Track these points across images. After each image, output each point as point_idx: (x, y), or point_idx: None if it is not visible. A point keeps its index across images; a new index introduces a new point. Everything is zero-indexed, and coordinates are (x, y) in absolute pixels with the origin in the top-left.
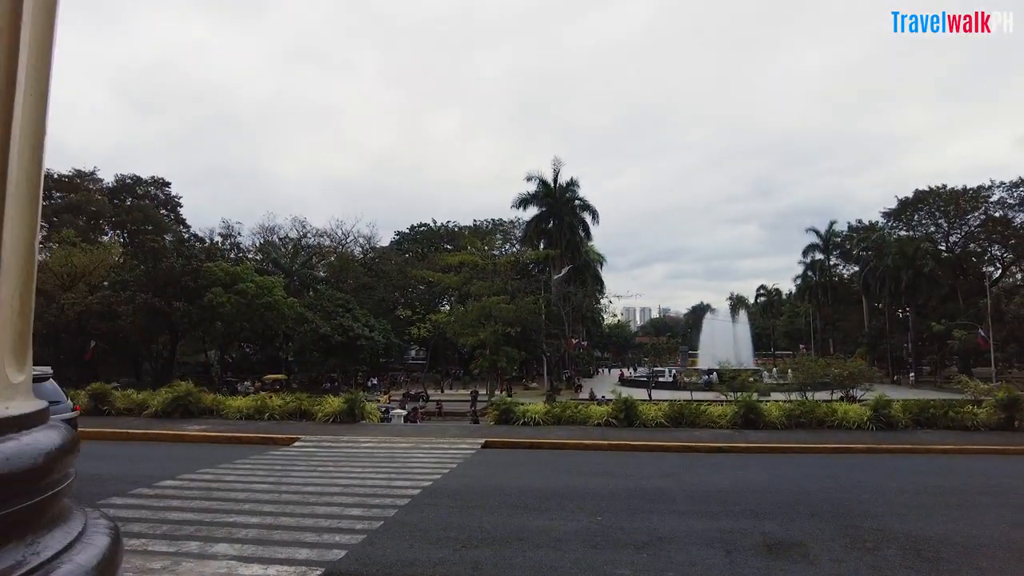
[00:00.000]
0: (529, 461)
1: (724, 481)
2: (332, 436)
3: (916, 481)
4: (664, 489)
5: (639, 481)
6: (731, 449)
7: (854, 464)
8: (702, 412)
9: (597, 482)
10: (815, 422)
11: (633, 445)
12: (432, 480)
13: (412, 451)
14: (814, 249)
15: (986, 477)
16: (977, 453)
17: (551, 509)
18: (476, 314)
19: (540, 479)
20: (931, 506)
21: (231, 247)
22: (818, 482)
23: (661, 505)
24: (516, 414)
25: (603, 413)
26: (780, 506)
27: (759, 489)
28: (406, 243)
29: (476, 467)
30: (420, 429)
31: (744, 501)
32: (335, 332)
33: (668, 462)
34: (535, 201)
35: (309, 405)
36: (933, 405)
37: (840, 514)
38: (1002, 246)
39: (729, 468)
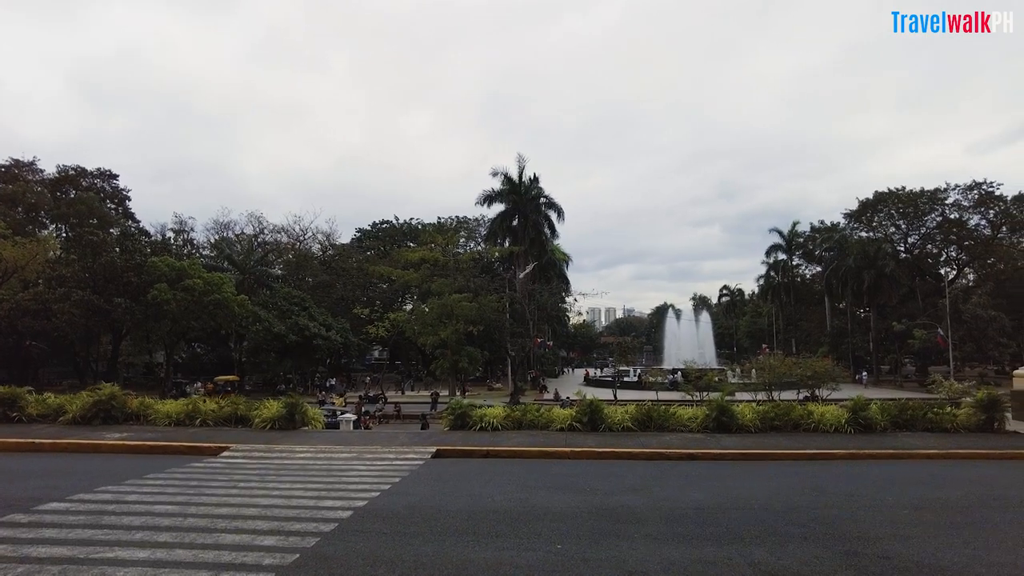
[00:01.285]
0: (483, 473)
1: (700, 495)
2: (266, 445)
3: (911, 493)
4: (633, 507)
5: (605, 497)
6: (704, 456)
7: (838, 472)
8: (671, 415)
9: (558, 499)
10: (790, 425)
11: (599, 452)
12: (368, 499)
13: (352, 463)
14: (777, 249)
15: (985, 487)
16: (963, 458)
17: (503, 535)
18: (437, 312)
19: (494, 496)
20: (936, 525)
21: (184, 243)
22: (804, 495)
23: (630, 528)
24: (472, 419)
25: (566, 417)
26: (767, 526)
27: (740, 504)
28: (367, 240)
29: (422, 482)
30: (366, 437)
31: (725, 520)
32: (290, 331)
33: (637, 472)
34: (500, 198)
35: (246, 410)
36: (911, 407)
37: (836, 536)
38: (957, 247)
39: (704, 478)
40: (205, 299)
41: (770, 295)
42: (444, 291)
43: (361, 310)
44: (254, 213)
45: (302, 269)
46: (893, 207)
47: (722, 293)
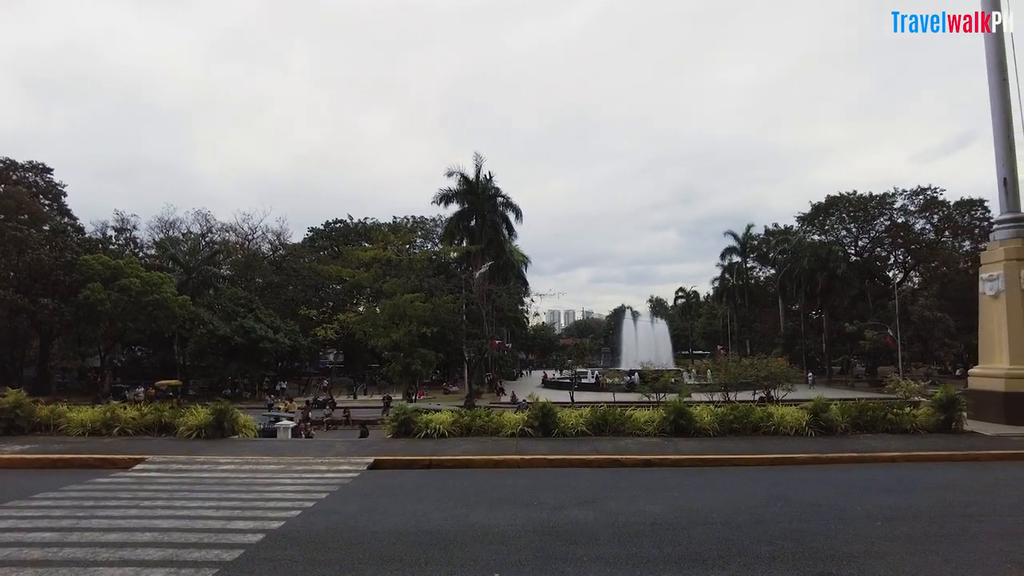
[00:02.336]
0: (423, 486)
1: (657, 508)
2: (188, 456)
3: (880, 502)
4: (584, 523)
5: (554, 512)
6: (661, 462)
7: (802, 479)
8: (627, 418)
9: (502, 516)
10: (750, 428)
11: (550, 460)
12: (286, 519)
13: (279, 476)
14: (732, 252)
15: (955, 493)
16: (924, 460)
17: (434, 562)
18: (388, 313)
19: (430, 514)
20: (912, 539)
21: (126, 242)
22: (768, 505)
23: (580, 549)
24: (417, 425)
25: (518, 422)
26: (730, 544)
27: (701, 519)
28: (320, 240)
29: (352, 498)
30: (300, 446)
31: (684, 538)
32: (235, 334)
33: (589, 481)
34: (457, 198)
35: (171, 417)
36: (871, 408)
37: (807, 555)
38: (904, 251)
39: (661, 488)
40: (143, 299)
41: (725, 297)
42: (396, 291)
43: (308, 311)
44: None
45: (251, 269)
46: (844, 211)
47: (678, 295)
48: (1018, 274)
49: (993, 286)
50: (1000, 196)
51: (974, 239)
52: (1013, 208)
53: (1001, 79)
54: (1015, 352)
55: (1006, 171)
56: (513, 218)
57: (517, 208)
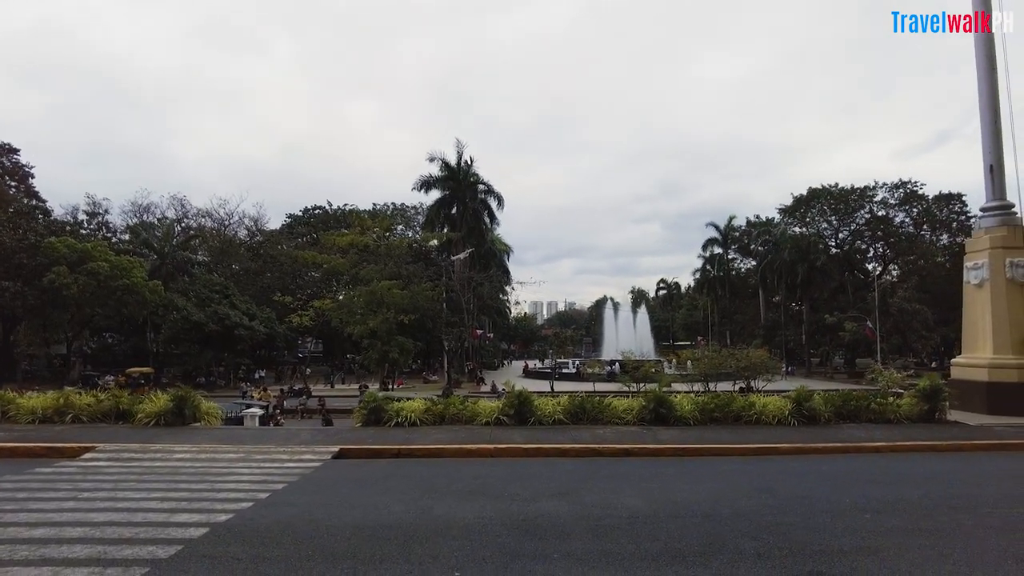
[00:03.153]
0: (389, 476)
1: (635, 500)
2: (142, 444)
3: (869, 494)
4: (557, 516)
5: (525, 504)
6: (640, 452)
7: (787, 470)
8: (606, 407)
9: (469, 508)
10: (731, 417)
11: (524, 449)
12: (236, 511)
13: (236, 465)
14: (713, 243)
15: (943, 485)
16: (910, 450)
17: (390, 560)
18: (365, 300)
19: (392, 506)
20: (904, 532)
21: (98, 227)
22: (753, 497)
23: (550, 544)
24: (388, 413)
25: (493, 410)
26: (713, 540)
27: (681, 511)
28: (299, 227)
29: (311, 488)
30: (263, 434)
31: (664, 532)
32: (209, 320)
33: (565, 472)
34: (438, 184)
35: (128, 404)
36: (855, 397)
37: (795, 551)
38: (884, 244)
39: (639, 479)
40: (112, 284)
41: (706, 288)
42: (373, 278)
43: (282, 298)
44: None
45: (227, 255)
46: (826, 203)
47: (659, 287)
48: (1003, 263)
49: (977, 275)
50: (986, 184)
51: (952, 233)
52: (999, 196)
53: (989, 67)
54: (999, 342)
55: (992, 158)
56: (495, 206)
57: (499, 196)
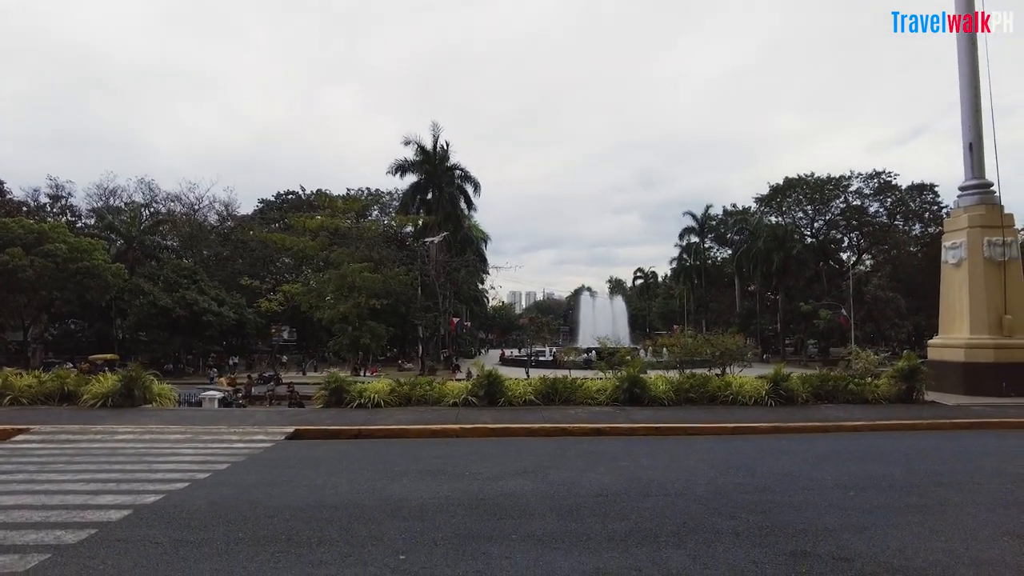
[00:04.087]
0: (345, 457)
1: (605, 477)
2: (83, 426)
3: (851, 471)
4: (520, 495)
5: (487, 482)
6: (612, 431)
7: (765, 448)
8: (578, 387)
9: (426, 487)
10: (707, 397)
11: (493, 429)
12: (167, 492)
13: (181, 446)
14: (690, 232)
15: (926, 461)
16: (890, 429)
17: (328, 543)
18: (335, 284)
19: (341, 487)
20: (891, 510)
21: (61, 210)
22: (730, 475)
23: (510, 524)
24: (350, 394)
25: (461, 391)
26: (688, 519)
27: (653, 489)
28: (271, 212)
29: (256, 469)
30: (217, 416)
31: (634, 511)
32: (177, 306)
33: (533, 450)
34: (413, 168)
35: (74, 385)
36: (833, 378)
37: (777, 530)
38: (858, 233)
39: (610, 457)
40: (71, 266)
41: (682, 277)
42: (344, 261)
43: (249, 282)
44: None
45: (196, 240)
46: (802, 192)
47: (636, 276)
48: (981, 242)
49: (956, 254)
50: (965, 161)
51: (924, 223)
52: (978, 174)
53: (970, 41)
54: (975, 321)
55: (972, 136)
56: (472, 191)
57: (476, 181)
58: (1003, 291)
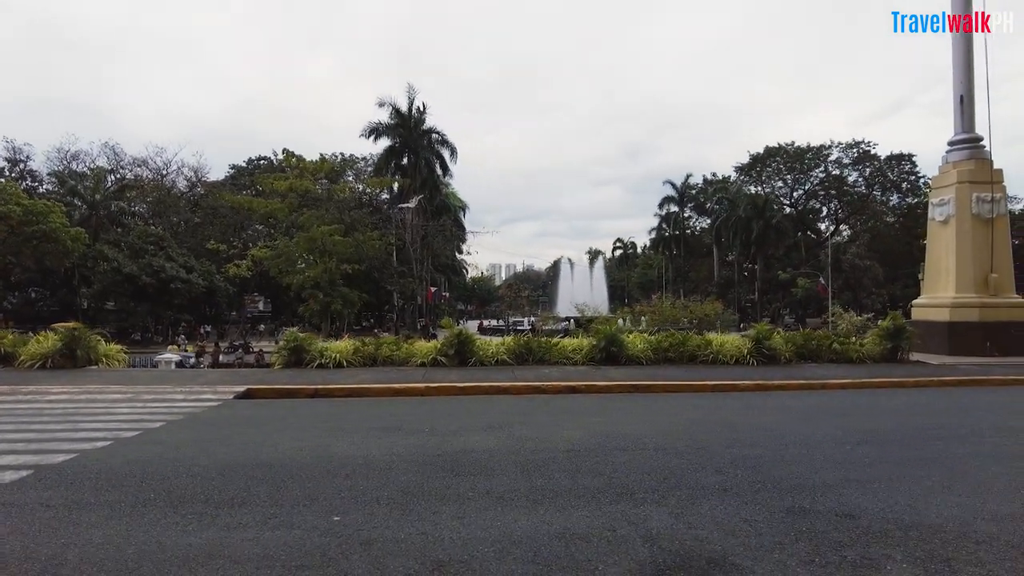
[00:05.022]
0: (296, 415)
1: (577, 432)
2: (13, 387)
3: (842, 426)
4: (483, 451)
5: (446, 438)
6: (588, 388)
7: (749, 404)
8: (553, 346)
9: (377, 444)
10: (686, 356)
11: (461, 388)
12: (81, 451)
13: (117, 406)
14: (670, 201)
15: (919, 416)
16: (877, 387)
17: (252, 503)
18: (303, 247)
19: (283, 444)
20: (892, 463)
21: (20, 175)
22: (713, 431)
23: (467, 481)
24: (310, 353)
25: (430, 350)
26: (668, 473)
27: (630, 444)
28: (243, 178)
29: (194, 427)
30: (165, 376)
31: (608, 466)
32: (143, 273)
33: (501, 408)
34: (388, 132)
35: (11, 345)
36: (816, 337)
37: (768, 485)
38: (838, 202)
39: (584, 413)
40: (27, 230)
41: (661, 247)
42: (313, 224)
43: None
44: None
45: (163, 206)
46: (782, 161)
47: (615, 246)
48: (969, 198)
49: (943, 211)
50: (955, 115)
51: (902, 193)
52: (968, 128)
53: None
54: (962, 280)
55: (963, 88)
56: (448, 156)
57: (453, 146)
58: (990, 249)
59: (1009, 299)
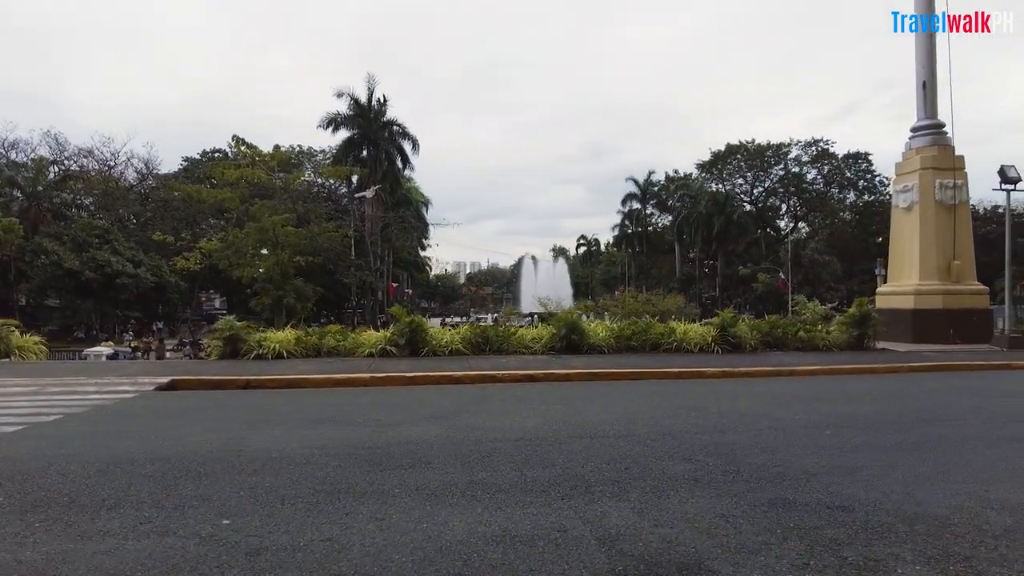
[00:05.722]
0: (219, 407)
1: (530, 420)
2: None
3: (819, 410)
4: (419, 442)
5: (382, 429)
6: (546, 377)
7: (717, 390)
8: (511, 335)
9: (301, 436)
10: (649, 345)
11: (410, 378)
12: None
13: (17, 399)
14: (632, 198)
15: (898, 400)
16: (848, 373)
17: (130, 504)
18: (255, 239)
19: (191, 437)
20: (879, 448)
21: None
22: (680, 416)
23: (397, 475)
24: (247, 344)
25: (379, 340)
26: (632, 463)
27: (587, 432)
28: (197, 170)
29: (95, 420)
30: (84, 368)
31: (563, 456)
32: (86, 267)
33: (451, 397)
34: (346, 123)
35: None
36: (782, 324)
37: (747, 474)
38: (797, 199)
39: (540, 401)
40: None
41: (624, 244)
42: (265, 214)
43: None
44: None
45: (110, 198)
46: (742, 159)
47: (579, 243)
48: (933, 184)
49: (907, 198)
50: (918, 101)
51: (859, 191)
52: (931, 114)
53: None
54: (926, 267)
55: (926, 74)
56: (410, 150)
57: (414, 139)
58: (953, 236)
59: (971, 286)
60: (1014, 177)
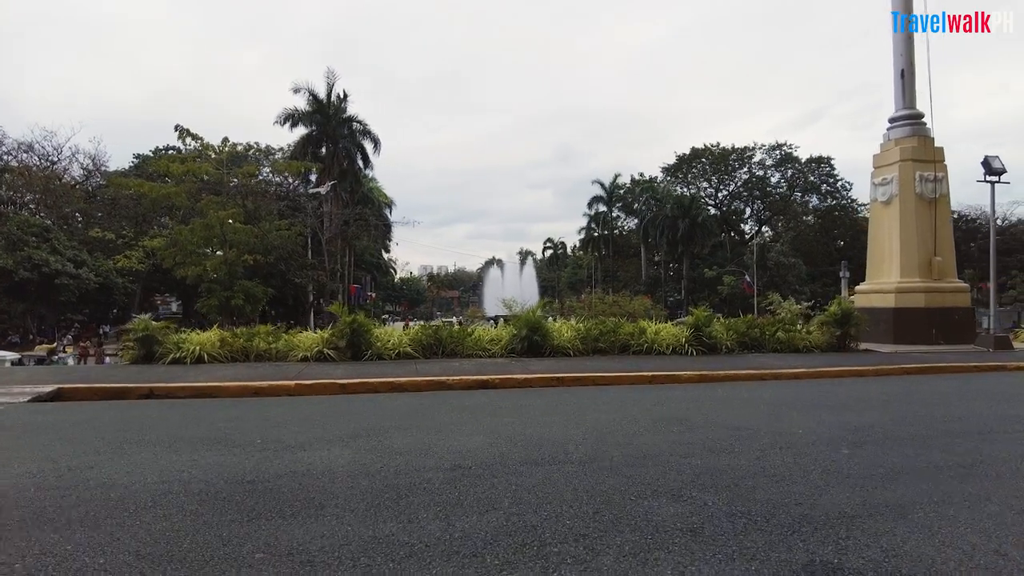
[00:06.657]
0: (97, 422)
1: (474, 440)
2: None
3: (824, 421)
4: (322, 472)
5: (280, 454)
6: (502, 383)
7: (698, 396)
8: (467, 336)
9: (172, 464)
10: (618, 346)
11: (343, 385)
12: None
13: None
14: (599, 201)
15: (910, 405)
16: (833, 376)
17: None
18: (200, 235)
19: (18, 466)
20: (920, 474)
21: None
22: (659, 431)
23: (270, 528)
24: (164, 346)
25: (315, 342)
26: (601, 504)
27: (546, 454)
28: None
29: None
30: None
31: (509, 492)
32: (20, 267)
33: (385, 409)
34: (304, 120)
35: None
36: (759, 324)
37: (759, 518)
38: (761, 202)
39: (491, 412)
40: None
41: (591, 247)
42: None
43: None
44: None
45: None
46: (707, 163)
47: (546, 246)
48: (913, 177)
49: (886, 191)
50: (896, 90)
51: (821, 195)
52: (909, 104)
53: None
54: (906, 264)
55: (904, 62)
56: (372, 149)
57: (376, 137)
58: (934, 231)
59: (953, 284)
60: (999, 168)
